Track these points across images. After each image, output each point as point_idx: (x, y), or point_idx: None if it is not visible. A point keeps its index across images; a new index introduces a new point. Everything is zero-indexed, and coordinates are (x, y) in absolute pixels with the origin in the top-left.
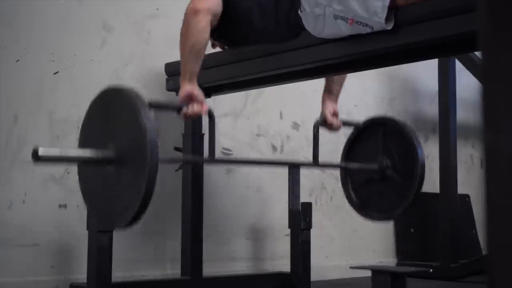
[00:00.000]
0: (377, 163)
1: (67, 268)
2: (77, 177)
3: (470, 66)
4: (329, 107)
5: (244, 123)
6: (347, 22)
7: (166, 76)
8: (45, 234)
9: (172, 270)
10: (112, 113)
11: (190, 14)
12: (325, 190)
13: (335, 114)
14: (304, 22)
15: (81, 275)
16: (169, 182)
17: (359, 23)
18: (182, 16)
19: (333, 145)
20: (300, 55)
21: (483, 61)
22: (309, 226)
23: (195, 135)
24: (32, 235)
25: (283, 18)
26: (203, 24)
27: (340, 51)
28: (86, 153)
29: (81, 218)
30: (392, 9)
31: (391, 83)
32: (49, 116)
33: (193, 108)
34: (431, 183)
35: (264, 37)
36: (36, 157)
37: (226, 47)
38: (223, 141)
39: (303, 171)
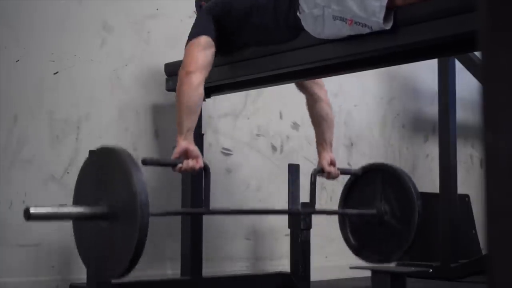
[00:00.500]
0: (375, 208)
1: (67, 268)
2: (76, 177)
3: (470, 66)
4: (326, 157)
5: (244, 123)
6: (346, 23)
7: (166, 76)
8: (45, 234)
9: (172, 270)
10: (105, 172)
11: (183, 76)
12: (324, 190)
13: (332, 163)
14: (303, 23)
15: (81, 275)
16: (169, 182)
17: (358, 23)
18: (181, 16)
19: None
20: (299, 55)
21: (483, 61)
22: (309, 226)
23: (195, 135)
24: (32, 235)
25: (282, 19)
26: (196, 83)
27: (339, 51)
28: (79, 209)
29: None
30: (391, 9)
31: (391, 83)
32: (49, 116)
33: (188, 163)
34: (431, 183)
35: (264, 39)
36: (28, 216)
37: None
38: (223, 141)
39: (303, 171)
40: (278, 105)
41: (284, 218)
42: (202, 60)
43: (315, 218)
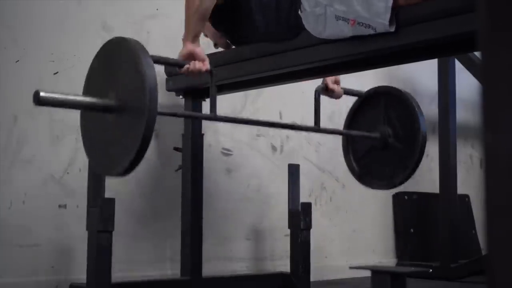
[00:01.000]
0: (379, 132)
1: (67, 268)
2: (77, 177)
3: (470, 66)
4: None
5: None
6: (348, 23)
7: (166, 76)
8: (45, 234)
9: (172, 270)
10: (114, 62)
11: None
12: (324, 191)
13: (336, 82)
14: (304, 22)
15: (81, 275)
16: (169, 181)
17: (361, 24)
18: (181, 17)
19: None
20: (299, 55)
21: (483, 61)
22: (308, 226)
23: (195, 135)
24: (32, 235)
25: (283, 17)
26: None
27: (340, 52)
28: (87, 99)
29: (81, 219)
30: (394, 10)
31: (390, 83)
32: (48, 116)
33: (195, 65)
34: (431, 183)
35: (265, 36)
36: (37, 100)
37: (228, 41)
38: (223, 141)
39: (302, 171)
40: (278, 105)
41: (284, 218)
42: None
43: (315, 219)
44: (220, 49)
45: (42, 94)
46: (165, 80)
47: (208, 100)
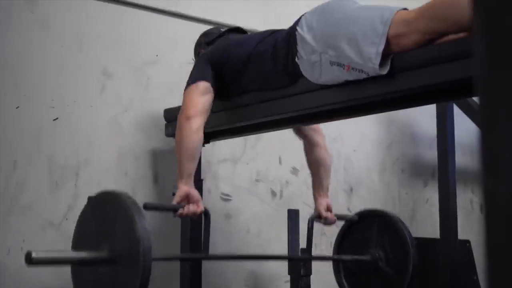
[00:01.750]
0: (370, 255)
1: None
2: (75, 224)
3: (468, 111)
4: (323, 203)
5: (243, 168)
6: (343, 68)
7: (165, 122)
8: (43, 281)
9: None
10: (106, 216)
11: (183, 120)
12: (324, 236)
13: (328, 209)
14: (302, 69)
15: None
16: (167, 227)
17: (355, 69)
18: (181, 62)
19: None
20: (298, 101)
21: (481, 107)
22: (308, 272)
23: (194, 180)
24: (31, 281)
25: (281, 65)
26: (196, 127)
27: (338, 97)
28: (81, 254)
29: None
30: (387, 56)
31: (389, 128)
32: (48, 162)
33: (189, 208)
34: (431, 228)
35: (263, 85)
36: (29, 260)
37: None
38: (222, 187)
39: (302, 216)
40: (277, 150)
41: (284, 264)
42: (202, 105)
43: (315, 264)
44: None
45: (34, 254)
46: (165, 126)
47: (207, 145)
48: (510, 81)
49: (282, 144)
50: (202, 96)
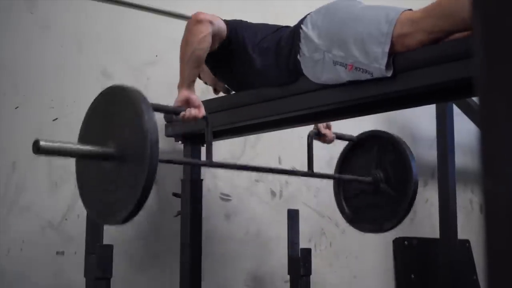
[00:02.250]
0: (371, 176)
1: None
2: (75, 224)
3: (468, 111)
4: None
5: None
6: (346, 68)
7: (165, 122)
8: (43, 282)
9: None
10: (114, 111)
11: (192, 23)
12: (324, 236)
13: (328, 127)
14: (303, 67)
15: None
16: (167, 227)
17: (358, 69)
18: None
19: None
20: (298, 100)
21: (480, 107)
22: (308, 272)
23: (194, 180)
24: (31, 281)
25: (283, 62)
26: (204, 33)
27: (338, 97)
28: (87, 148)
29: (78, 265)
30: (391, 55)
31: (389, 128)
32: (47, 163)
33: (191, 111)
34: (431, 229)
35: (264, 81)
36: (37, 148)
37: (226, 86)
38: (222, 187)
39: (302, 216)
40: (277, 150)
41: (284, 264)
42: (213, 17)
43: (315, 264)
44: (220, 94)
45: (42, 143)
46: (164, 126)
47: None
48: (510, 81)
49: (282, 144)
50: (218, 17)
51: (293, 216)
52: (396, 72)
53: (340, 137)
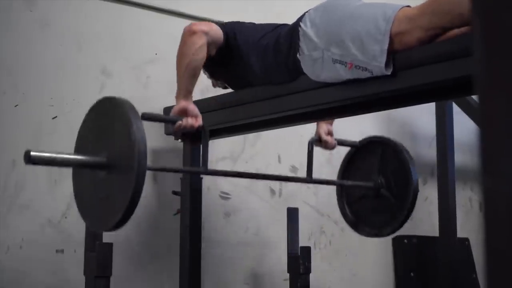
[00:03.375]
0: (372, 181)
1: None
2: (74, 222)
3: (467, 109)
4: (324, 127)
5: (243, 167)
6: (346, 66)
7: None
8: (42, 279)
9: None
10: (106, 122)
11: (187, 35)
12: (324, 234)
13: (329, 133)
14: (303, 65)
15: None
16: (167, 225)
17: (358, 67)
18: None
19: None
20: (298, 99)
21: (480, 105)
22: (308, 270)
23: (194, 178)
24: (29, 280)
25: (282, 61)
26: (199, 44)
27: (338, 95)
28: (78, 157)
29: (78, 264)
30: (390, 54)
31: (388, 127)
32: None
33: (188, 121)
34: (430, 227)
35: (264, 80)
36: (28, 159)
37: (226, 85)
38: (221, 185)
39: (301, 215)
40: (276, 149)
41: (283, 262)
42: (208, 26)
43: (314, 263)
44: (218, 89)
45: (32, 153)
46: (164, 124)
47: None
48: (510, 79)
49: (282, 142)
50: (212, 24)
51: (292, 215)
52: (396, 70)
53: (341, 143)
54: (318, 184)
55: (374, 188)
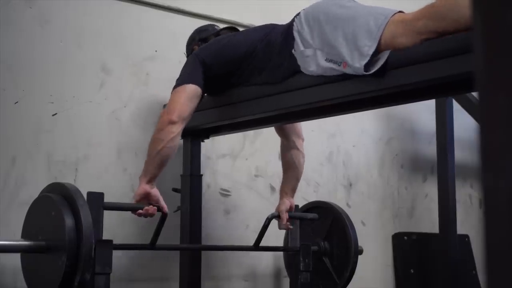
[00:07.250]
0: (317, 246)
1: None
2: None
3: (467, 106)
4: (286, 203)
5: (242, 164)
6: (340, 66)
7: None
8: None
9: None
10: (46, 208)
11: (166, 122)
12: None
13: (291, 209)
14: (299, 62)
15: None
16: (167, 223)
17: (351, 66)
18: (180, 58)
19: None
20: (297, 96)
21: (480, 102)
22: (308, 267)
23: (194, 176)
24: None
25: (278, 60)
26: (174, 134)
27: (336, 92)
28: (22, 243)
29: None
30: (377, 54)
31: (388, 124)
32: (47, 157)
33: (148, 211)
34: (430, 224)
35: (260, 80)
36: None
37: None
38: (221, 182)
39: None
40: (276, 146)
41: (283, 259)
42: (186, 112)
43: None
44: None
45: None
46: None
47: (206, 141)
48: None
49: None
50: (189, 101)
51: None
52: (393, 68)
53: (300, 218)
54: (318, 179)
55: (318, 252)
